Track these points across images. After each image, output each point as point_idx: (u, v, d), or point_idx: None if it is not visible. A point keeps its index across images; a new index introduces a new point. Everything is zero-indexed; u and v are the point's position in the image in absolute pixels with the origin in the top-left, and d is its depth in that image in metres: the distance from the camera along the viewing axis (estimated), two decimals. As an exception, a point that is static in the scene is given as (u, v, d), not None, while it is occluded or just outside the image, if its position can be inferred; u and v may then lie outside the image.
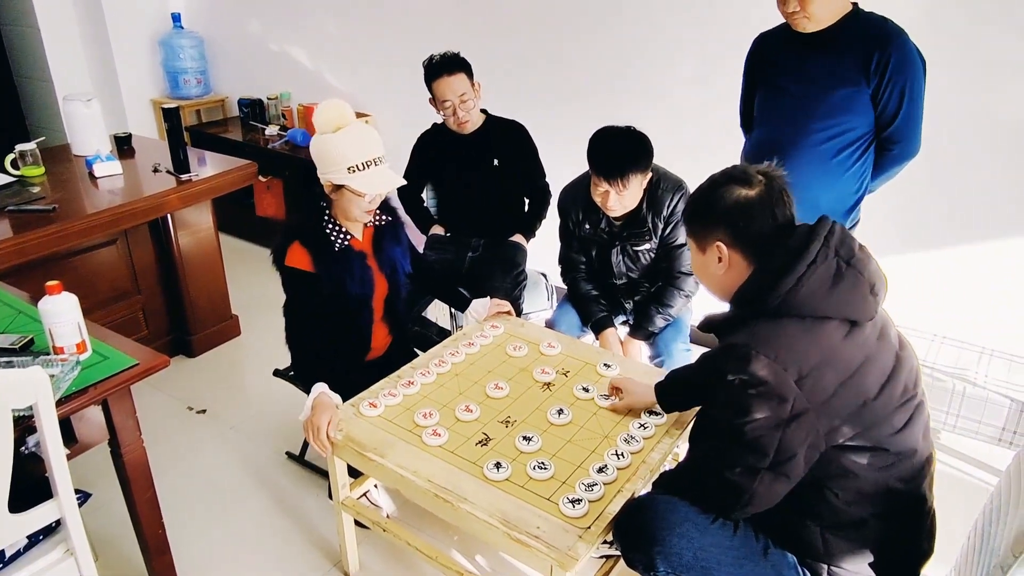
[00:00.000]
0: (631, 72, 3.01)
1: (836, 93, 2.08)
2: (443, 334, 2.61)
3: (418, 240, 2.48)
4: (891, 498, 1.39)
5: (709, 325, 1.48)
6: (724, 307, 1.50)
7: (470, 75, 2.53)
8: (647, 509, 1.48)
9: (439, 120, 2.66)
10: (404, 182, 2.00)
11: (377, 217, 2.08)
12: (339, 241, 1.99)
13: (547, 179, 2.80)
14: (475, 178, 2.67)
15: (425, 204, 2.88)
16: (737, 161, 2.40)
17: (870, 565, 1.42)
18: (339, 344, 2.08)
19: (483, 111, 2.65)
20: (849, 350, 1.33)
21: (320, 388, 1.84)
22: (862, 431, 1.34)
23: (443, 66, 2.48)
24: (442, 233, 2.81)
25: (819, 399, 1.30)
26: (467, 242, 2.76)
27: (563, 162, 2.49)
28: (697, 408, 1.85)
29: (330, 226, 1.99)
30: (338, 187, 1.91)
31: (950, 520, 1.49)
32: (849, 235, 1.40)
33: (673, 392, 1.77)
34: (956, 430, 2.40)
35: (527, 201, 2.83)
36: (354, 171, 1.86)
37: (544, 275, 2.86)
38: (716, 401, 1.45)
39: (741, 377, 1.31)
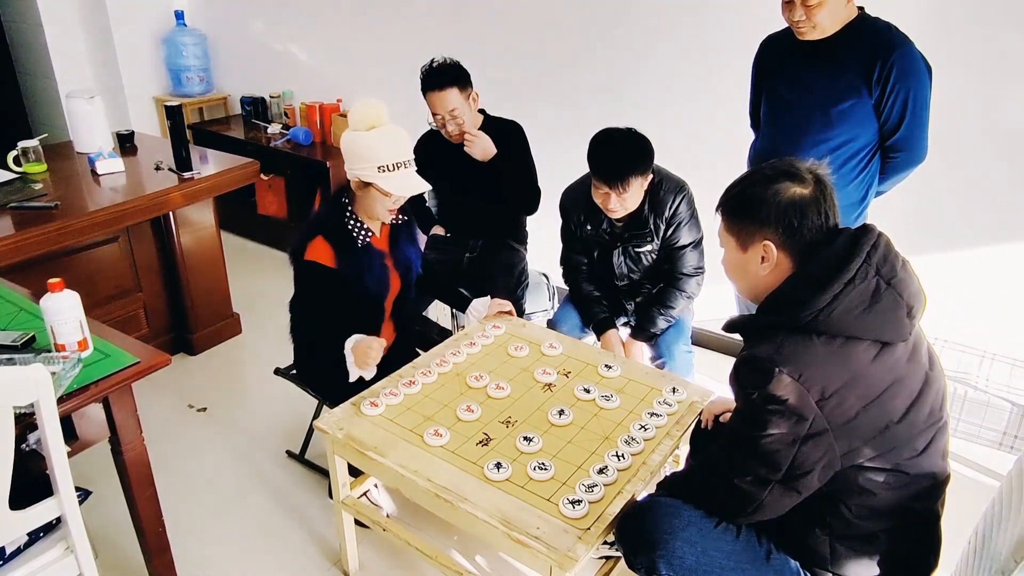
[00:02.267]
0: (636, 74, 3.00)
1: (836, 106, 2.03)
2: (444, 334, 2.60)
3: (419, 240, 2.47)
4: (904, 515, 1.37)
5: (735, 327, 1.43)
6: (730, 309, 1.48)
7: (464, 87, 2.45)
8: (650, 512, 1.48)
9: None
10: (429, 187, 2.00)
11: (395, 216, 2.09)
12: (361, 238, 2.00)
13: (537, 179, 2.64)
14: (471, 180, 2.66)
15: (427, 204, 2.88)
16: (741, 163, 2.40)
17: None
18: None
19: (481, 111, 2.64)
20: (877, 372, 1.28)
21: (355, 338, 1.94)
22: (882, 453, 1.30)
23: (433, 81, 2.42)
24: (442, 233, 2.81)
25: (840, 420, 1.26)
26: (465, 243, 2.76)
27: (567, 163, 2.48)
28: (700, 410, 1.85)
29: (352, 222, 2.00)
30: (365, 184, 1.92)
31: (951, 525, 1.49)
32: (893, 251, 1.33)
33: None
34: (957, 434, 2.40)
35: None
36: (384, 171, 1.88)
37: (546, 276, 2.86)
38: (735, 409, 1.42)
39: (761, 392, 1.27)
